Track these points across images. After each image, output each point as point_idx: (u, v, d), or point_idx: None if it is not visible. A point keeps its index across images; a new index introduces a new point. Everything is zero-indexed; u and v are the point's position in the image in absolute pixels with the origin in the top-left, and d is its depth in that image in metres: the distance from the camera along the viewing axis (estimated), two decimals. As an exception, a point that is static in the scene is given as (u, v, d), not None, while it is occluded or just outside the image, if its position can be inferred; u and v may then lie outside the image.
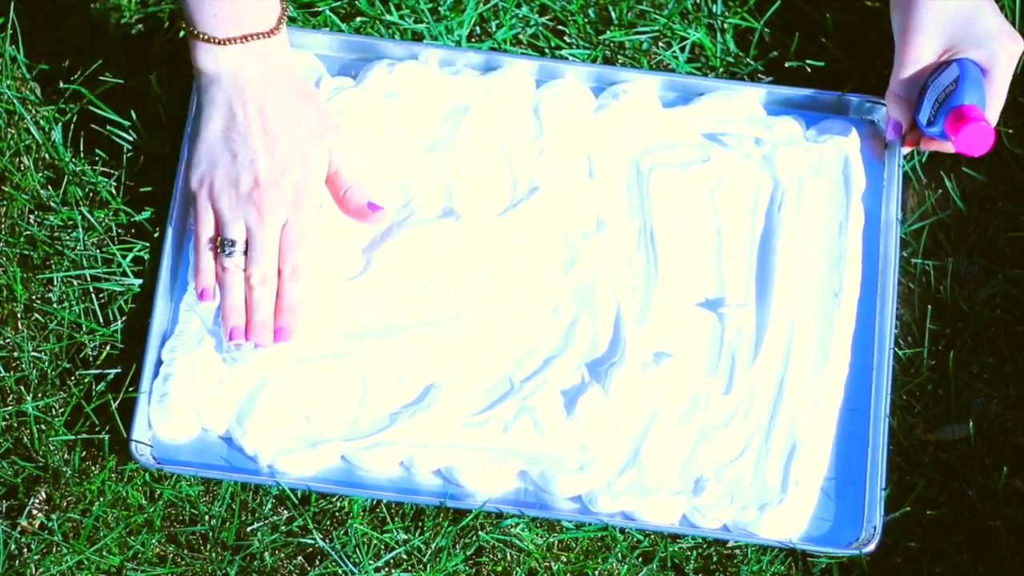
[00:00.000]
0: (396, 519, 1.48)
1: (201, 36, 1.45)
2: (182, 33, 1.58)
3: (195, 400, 1.49)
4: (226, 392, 1.50)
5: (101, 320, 1.54)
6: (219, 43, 1.45)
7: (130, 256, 1.56)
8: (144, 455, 1.47)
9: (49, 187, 1.59)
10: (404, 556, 1.48)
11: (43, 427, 1.50)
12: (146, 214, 1.57)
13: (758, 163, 1.58)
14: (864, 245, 1.56)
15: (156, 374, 1.50)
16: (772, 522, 1.47)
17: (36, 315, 1.54)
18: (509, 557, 1.48)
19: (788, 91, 1.60)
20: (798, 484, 1.48)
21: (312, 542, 1.48)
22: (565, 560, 1.48)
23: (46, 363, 1.53)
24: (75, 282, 1.55)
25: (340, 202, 1.52)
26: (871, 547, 1.46)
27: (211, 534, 1.48)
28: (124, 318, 1.54)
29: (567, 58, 1.63)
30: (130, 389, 1.49)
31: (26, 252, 1.56)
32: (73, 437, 1.50)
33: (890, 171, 1.58)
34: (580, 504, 1.48)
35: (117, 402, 1.49)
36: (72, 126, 1.60)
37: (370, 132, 1.57)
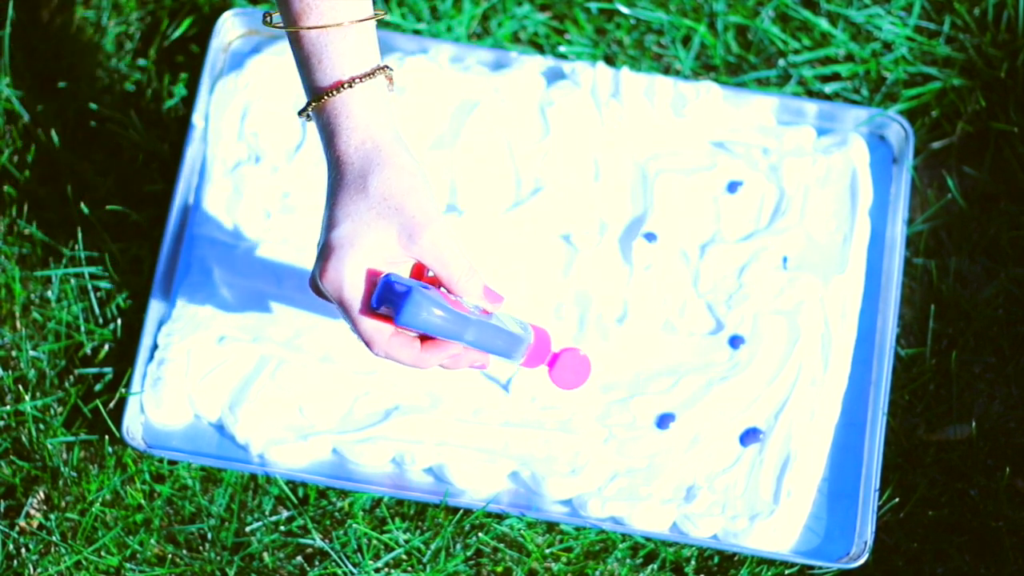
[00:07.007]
0: (396, 519, 1.48)
1: None
2: None
3: (189, 386, 1.49)
4: (220, 379, 1.50)
5: (99, 319, 1.54)
6: None
7: (129, 255, 1.55)
8: (134, 438, 1.47)
9: (48, 185, 1.58)
10: (404, 556, 1.47)
11: (41, 427, 1.50)
12: (145, 213, 1.57)
13: (765, 172, 1.57)
14: (868, 257, 1.55)
15: (151, 359, 1.50)
16: (762, 533, 1.46)
17: (34, 314, 1.54)
18: (509, 557, 1.48)
19: (799, 102, 1.59)
20: (790, 496, 1.47)
21: (312, 542, 1.48)
22: (565, 561, 1.48)
23: (44, 362, 1.52)
24: (73, 281, 1.55)
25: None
26: (860, 562, 1.45)
27: (210, 534, 1.48)
28: (122, 317, 1.54)
29: (567, 56, 1.62)
30: (125, 389, 1.49)
31: (24, 251, 1.56)
32: (72, 438, 1.49)
33: (898, 187, 1.57)
34: (570, 507, 1.48)
35: (114, 401, 1.49)
36: (71, 124, 1.60)
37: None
